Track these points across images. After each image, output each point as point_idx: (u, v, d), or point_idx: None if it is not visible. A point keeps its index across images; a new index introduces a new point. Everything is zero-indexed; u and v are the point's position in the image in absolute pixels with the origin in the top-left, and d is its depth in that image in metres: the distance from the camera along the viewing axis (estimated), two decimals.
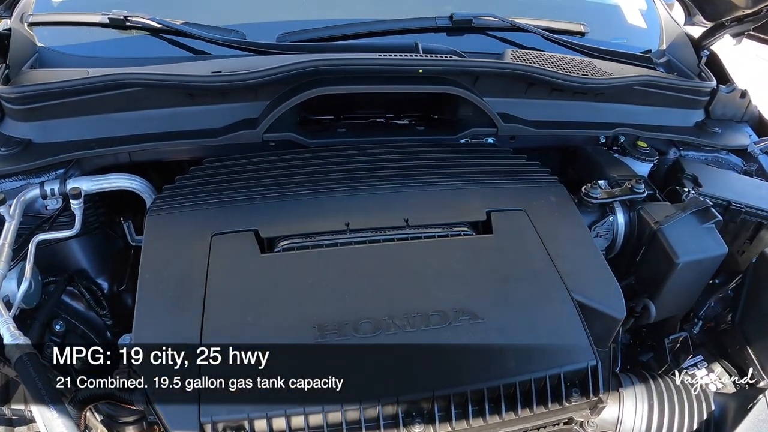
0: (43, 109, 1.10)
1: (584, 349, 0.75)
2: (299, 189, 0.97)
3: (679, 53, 1.61)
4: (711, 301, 1.30)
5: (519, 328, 0.76)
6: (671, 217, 1.04)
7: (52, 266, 1.12)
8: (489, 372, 0.70)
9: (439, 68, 1.09)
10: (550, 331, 0.76)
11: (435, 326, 0.73)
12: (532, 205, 0.95)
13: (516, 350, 0.73)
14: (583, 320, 0.78)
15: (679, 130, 1.42)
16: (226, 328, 0.74)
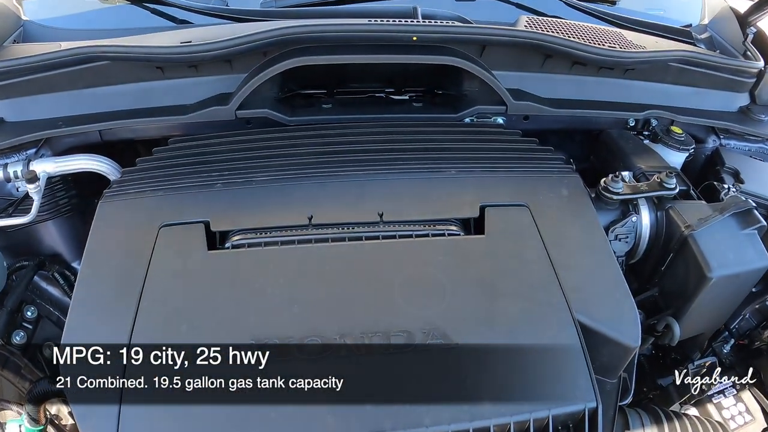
0: (13, 86, 0.98)
1: (583, 388, 0.57)
2: (265, 174, 0.81)
3: (722, 29, 1.35)
4: (746, 312, 1.08)
5: (501, 357, 0.58)
6: (706, 220, 0.82)
7: (28, 250, 1.03)
8: (456, 412, 0.54)
9: (436, 35, 0.89)
10: (542, 362, 0.58)
11: (396, 351, 0.57)
12: (538, 199, 0.76)
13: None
14: (586, 349, 0.59)
15: (719, 116, 1.17)
16: (158, 335, 0.61)
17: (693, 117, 1.12)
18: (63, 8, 1.21)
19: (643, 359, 1.01)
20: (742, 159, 1.12)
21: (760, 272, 0.84)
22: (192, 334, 0.61)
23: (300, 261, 0.67)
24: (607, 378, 0.67)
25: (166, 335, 0.60)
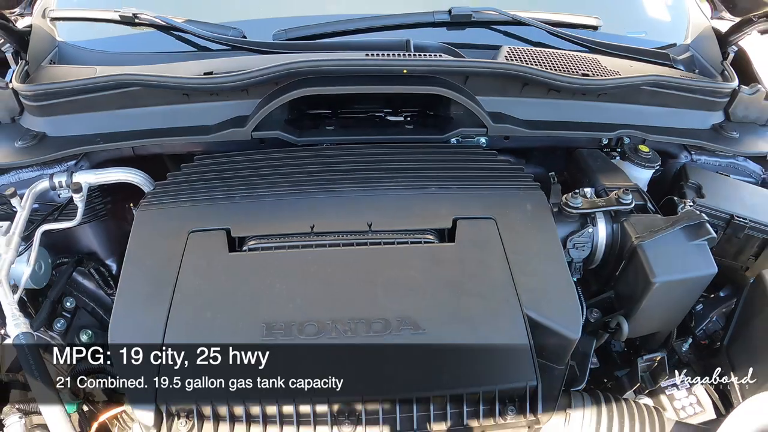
0: (55, 106, 1.19)
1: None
2: (277, 189, 1.01)
3: (703, 49, 1.50)
4: (714, 315, 1.25)
5: (460, 342, 0.77)
6: (657, 232, 0.99)
7: (68, 248, 1.24)
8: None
9: (424, 68, 1.08)
10: (494, 348, 0.77)
11: (375, 333, 0.76)
12: (504, 213, 0.94)
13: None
14: (531, 338, 0.78)
15: (691, 133, 1.33)
16: (187, 324, 0.80)
17: (664, 135, 1.29)
18: (94, 32, 1.41)
19: (616, 355, 1.19)
20: (707, 175, 1.28)
21: (708, 279, 1.01)
22: (215, 319, 0.80)
23: (302, 262, 0.86)
24: (555, 364, 0.85)
25: (194, 320, 0.80)
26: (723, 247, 1.20)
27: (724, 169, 1.37)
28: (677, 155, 1.34)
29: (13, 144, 1.20)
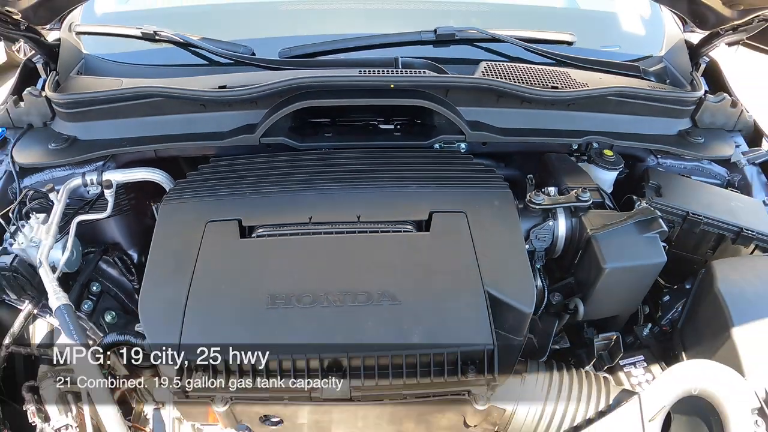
0: (85, 113, 1.40)
1: (485, 336, 0.92)
2: (281, 187, 1.20)
3: (675, 60, 1.68)
4: (679, 305, 1.41)
5: (430, 312, 0.95)
6: (611, 225, 1.17)
7: (94, 239, 1.44)
8: (396, 343, 0.91)
9: (408, 83, 1.28)
10: (458, 317, 0.95)
11: (359, 304, 0.94)
12: (474, 208, 1.12)
13: (423, 329, 0.93)
14: (490, 310, 0.95)
15: (657, 139, 1.50)
16: (205, 293, 0.99)
17: (629, 141, 1.46)
18: (117, 45, 1.62)
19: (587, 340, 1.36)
20: (669, 177, 1.45)
21: (657, 267, 1.18)
22: (228, 291, 0.99)
23: (302, 247, 1.05)
24: (514, 336, 1.03)
25: (211, 292, 0.99)
26: (683, 242, 1.37)
27: (689, 172, 1.54)
28: (644, 159, 1.52)
29: (46, 146, 1.41)
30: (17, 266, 1.20)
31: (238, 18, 1.64)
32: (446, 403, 0.94)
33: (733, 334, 1.10)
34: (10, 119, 1.49)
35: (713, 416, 0.99)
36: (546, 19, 1.75)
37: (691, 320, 1.27)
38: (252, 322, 0.94)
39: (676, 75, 1.65)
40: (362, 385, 0.90)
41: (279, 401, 0.91)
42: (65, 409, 1.09)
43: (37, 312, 1.29)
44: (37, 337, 1.38)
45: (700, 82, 1.59)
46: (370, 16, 1.63)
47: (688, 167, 1.53)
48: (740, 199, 1.47)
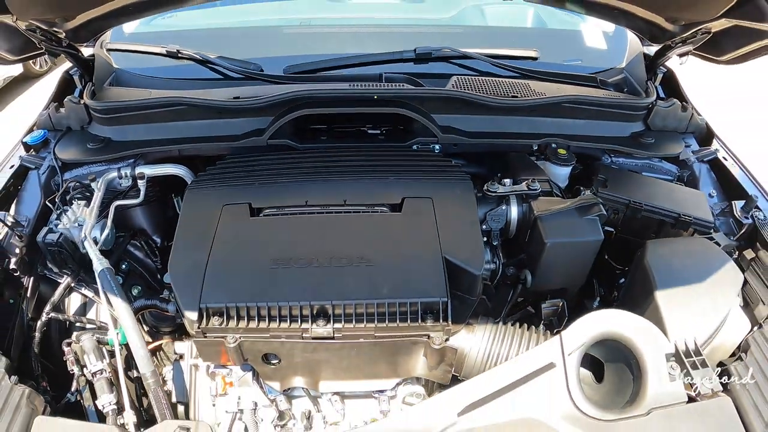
0: (119, 118, 1.74)
1: (440, 290, 1.22)
2: (284, 178, 1.52)
3: (634, 71, 2.00)
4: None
5: (397, 272, 1.25)
6: (555, 209, 1.48)
7: (124, 226, 1.77)
8: (370, 296, 1.21)
9: (389, 95, 1.61)
10: (420, 276, 1.24)
11: (342, 265, 1.25)
12: (439, 194, 1.43)
13: (392, 285, 1.23)
14: (446, 272, 1.25)
15: (610, 140, 1.80)
16: (221, 258, 1.31)
17: (583, 142, 1.77)
18: (142, 61, 1.96)
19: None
20: (617, 172, 1.74)
21: (595, 244, 1.46)
22: (240, 257, 1.30)
23: (298, 223, 1.37)
24: (468, 295, 1.32)
25: (226, 258, 1.30)
26: (629, 227, 1.66)
27: (641, 168, 1.82)
28: (600, 157, 1.82)
29: (84, 146, 1.75)
30: (62, 242, 1.51)
31: (249, 39, 2.01)
32: (410, 344, 1.24)
33: (657, 298, 1.37)
34: (51, 123, 1.84)
35: (633, 361, 1.27)
36: (516, 37, 2.08)
37: (627, 292, 1.56)
38: (258, 279, 1.25)
39: (633, 84, 1.96)
40: (343, 327, 1.21)
41: (277, 339, 1.21)
42: (100, 356, 1.39)
43: (74, 285, 1.61)
44: (72, 307, 1.72)
45: (652, 90, 1.90)
46: (361, 39, 1.98)
47: (639, 164, 1.82)
48: (683, 191, 1.76)
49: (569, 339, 1.17)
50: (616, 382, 1.30)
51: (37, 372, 1.48)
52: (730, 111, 4.81)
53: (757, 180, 1.84)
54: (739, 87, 5.45)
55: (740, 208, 1.71)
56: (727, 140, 2.01)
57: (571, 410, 1.11)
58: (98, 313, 1.68)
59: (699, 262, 1.48)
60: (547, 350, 1.17)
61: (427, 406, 1.10)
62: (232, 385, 1.37)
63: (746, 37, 1.66)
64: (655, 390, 1.19)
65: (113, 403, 1.32)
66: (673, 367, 1.23)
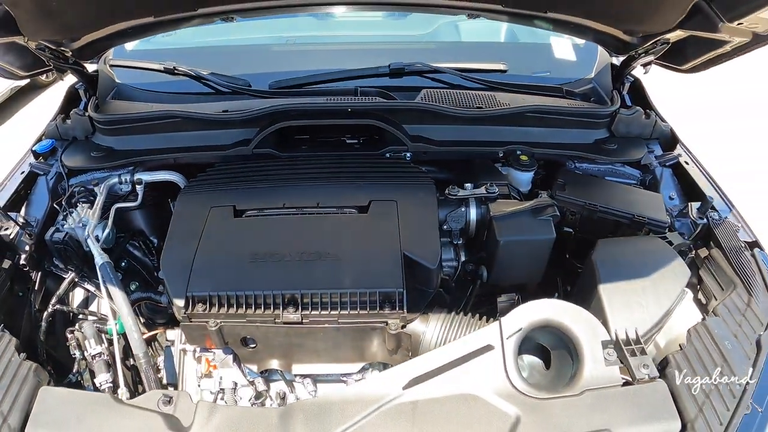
0: (120, 129, 1.99)
1: (397, 282, 1.42)
2: (265, 184, 1.74)
3: (602, 81, 2.19)
4: None
5: (360, 266, 1.45)
6: (510, 210, 1.67)
7: (124, 228, 2.00)
8: (336, 286, 1.41)
9: (362, 107, 1.83)
10: (380, 270, 1.44)
11: (311, 259, 1.46)
12: (403, 197, 1.64)
13: (354, 277, 1.43)
14: (403, 266, 1.45)
15: (573, 147, 1.98)
16: (207, 253, 1.52)
17: (547, 149, 1.96)
18: (142, 77, 2.21)
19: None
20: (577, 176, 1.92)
21: (548, 242, 1.65)
22: (224, 251, 1.52)
23: (276, 223, 1.58)
24: (426, 287, 1.52)
25: (211, 252, 1.51)
26: (586, 228, 1.84)
27: (603, 173, 2.00)
28: (564, 163, 2.01)
29: (89, 154, 1.99)
30: (68, 241, 1.75)
31: (240, 57, 2.25)
32: (370, 330, 1.44)
33: (600, 291, 1.55)
34: (58, 133, 2.09)
35: (572, 347, 1.45)
36: (489, 51, 2.29)
37: (579, 286, 1.74)
38: (238, 271, 1.46)
39: (601, 93, 2.15)
40: (310, 314, 1.41)
41: (253, 324, 1.42)
42: (99, 341, 1.61)
43: (78, 280, 1.84)
44: (76, 301, 1.94)
45: (616, 99, 2.09)
46: (343, 55, 2.21)
47: (602, 170, 2.00)
48: (642, 194, 1.92)
49: (508, 324, 1.36)
50: (560, 368, 1.48)
51: (43, 358, 1.71)
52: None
53: (716, 182, 2.01)
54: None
55: (696, 210, 1.88)
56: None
57: (507, 388, 1.28)
58: (99, 306, 1.91)
59: (645, 259, 1.65)
60: (487, 334, 1.35)
61: (375, 380, 1.30)
62: (216, 368, 1.58)
63: (704, 46, 1.85)
64: (590, 373, 1.33)
65: (109, 381, 1.53)
66: (610, 353, 1.36)
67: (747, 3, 1.44)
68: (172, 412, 1.22)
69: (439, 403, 1.24)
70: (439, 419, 1.21)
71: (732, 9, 1.50)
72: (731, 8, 1.50)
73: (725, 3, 1.51)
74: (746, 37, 1.65)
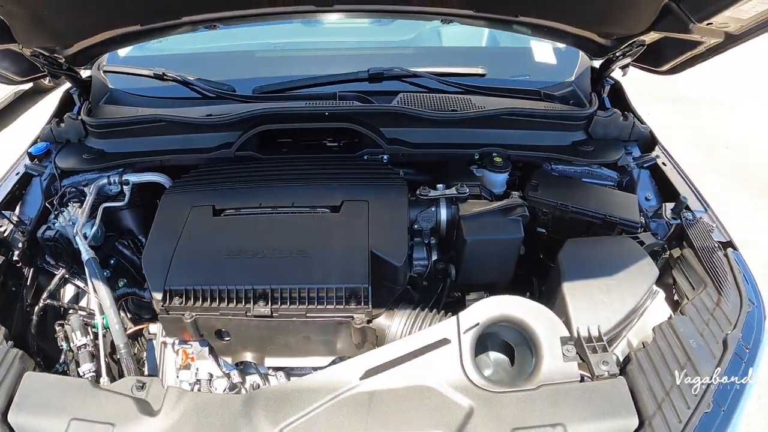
0: (110, 133, 2.12)
1: (363, 278, 1.52)
2: (245, 185, 1.85)
3: (581, 84, 2.27)
4: None
5: (329, 263, 1.55)
6: (478, 210, 1.76)
7: (114, 227, 2.13)
8: (305, 281, 1.51)
9: (339, 112, 1.94)
10: (347, 267, 1.54)
11: (283, 256, 1.56)
12: (375, 198, 1.74)
13: (323, 273, 1.53)
14: (370, 263, 1.55)
15: (549, 149, 2.06)
16: (185, 250, 1.64)
17: (522, 151, 2.05)
18: (134, 82, 2.35)
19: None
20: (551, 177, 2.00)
21: (516, 241, 1.74)
22: (201, 248, 1.63)
23: (251, 222, 1.69)
24: (393, 284, 1.62)
25: (190, 249, 1.63)
26: (559, 228, 1.92)
27: (580, 175, 2.07)
28: (541, 164, 2.09)
29: (81, 156, 2.13)
30: (58, 238, 1.88)
31: (224, 63, 2.39)
32: (337, 324, 1.54)
33: (564, 289, 1.63)
34: (53, 136, 2.23)
35: (532, 343, 1.52)
36: (470, 56, 2.39)
37: (547, 285, 1.82)
38: (213, 266, 1.58)
39: (580, 96, 2.23)
40: (279, 308, 1.52)
41: (226, 316, 1.53)
42: (84, 333, 1.73)
43: (68, 276, 1.97)
44: (67, 296, 2.07)
45: (594, 101, 2.16)
46: (325, 61, 2.33)
47: (578, 171, 2.08)
48: (617, 195, 1.99)
49: (465, 319, 1.45)
50: (522, 364, 1.55)
51: (33, 350, 1.83)
52: None
53: (692, 183, 2.08)
54: None
55: (670, 210, 1.95)
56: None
57: (463, 381, 1.35)
58: (89, 302, 2.03)
59: (613, 258, 1.72)
60: (445, 328, 1.43)
61: (333, 370, 1.38)
62: (193, 360, 1.70)
63: (679, 47, 1.92)
64: (548, 368, 1.38)
65: (92, 370, 1.66)
66: (569, 349, 1.41)
67: (713, 3, 1.52)
68: (144, 397, 1.33)
69: (394, 393, 1.33)
70: (392, 409, 1.30)
71: (700, 9, 1.57)
72: (699, 9, 1.57)
73: (693, 4, 1.59)
74: (719, 38, 1.72)
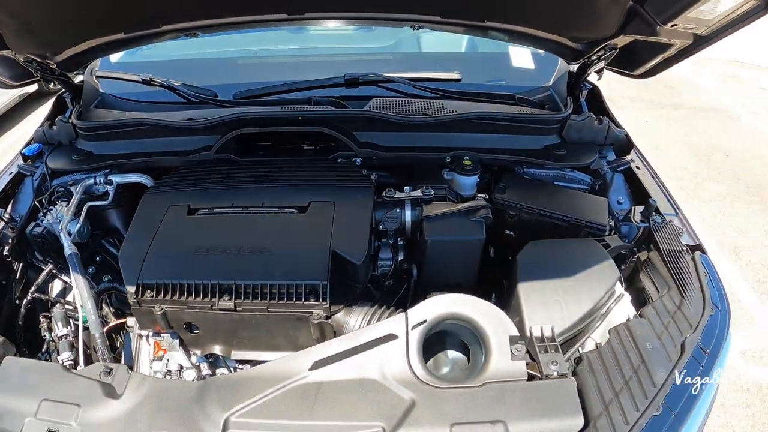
0: (98, 135, 2.28)
1: (322, 276, 1.63)
2: (221, 186, 1.98)
3: (559, 89, 2.36)
4: None
5: (291, 260, 1.66)
6: (441, 212, 1.86)
7: (100, 225, 2.27)
8: (266, 277, 1.63)
9: (312, 116, 2.06)
10: (308, 264, 1.64)
11: (248, 254, 1.68)
12: (341, 199, 1.85)
13: (284, 270, 1.64)
14: (330, 261, 1.66)
15: (522, 152, 2.15)
16: (159, 247, 1.77)
17: (493, 155, 2.14)
18: (124, 87, 2.49)
19: None
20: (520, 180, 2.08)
21: (478, 242, 1.83)
22: (175, 245, 1.76)
23: (222, 220, 1.81)
24: (354, 282, 1.73)
25: (164, 245, 1.76)
26: (526, 230, 2.00)
27: (552, 178, 2.15)
28: (513, 168, 2.18)
29: (70, 157, 2.28)
30: (45, 234, 2.03)
31: (209, 69, 2.53)
32: (296, 319, 1.65)
33: (518, 290, 1.72)
34: (45, 138, 2.40)
35: (482, 341, 1.59)
36: (448, 61, 2.49)
37: (506, 286, 1.91)
38: (183, 262, 1.70)
39: (557, 101, 2.31)
40: (242, 302, 1.64)
41: (193, 310, 1.66)
42: (66, 324, 1.88)
43: (55, 272, 2.12)
44: (55, 290, 2.22)
45: (569, 105, 2.25)
46: (305, 67, 2.45)
47: (551, 175, 2.16)
48: (587, 198, 2.07)
49: (414, 315, 1.54)
50: (475, 363, 1.64)
51: (20, 340, 1.98)
52: None
53: (665, 187, 2.15)
54: None
55: (639, 213, 2.02)
56: None
57: (407, 375, 1.43)
58: (75, 296, 2.18)
59: (573, 260, 1.80)
60: (393, 324, 1.53)
61: (284, 361, 1.49)
62: (165, 351, 1.83)
63: (651, 50, 1.99)
64: (495, 366, 1.44)
65: (71, 359, 1.79)
66: (518, 348, 1.47)
67: (674, 5, 1.59)
68: (110, 382, 1.46)
69: (340, 385, 1.43)
70: (337, 400, 1.39)
71: (662, 11, 1.64)
72: (662, 11, 1.64)
73: (656, 6, 1.66)
74: (687, 39, 1.79)
